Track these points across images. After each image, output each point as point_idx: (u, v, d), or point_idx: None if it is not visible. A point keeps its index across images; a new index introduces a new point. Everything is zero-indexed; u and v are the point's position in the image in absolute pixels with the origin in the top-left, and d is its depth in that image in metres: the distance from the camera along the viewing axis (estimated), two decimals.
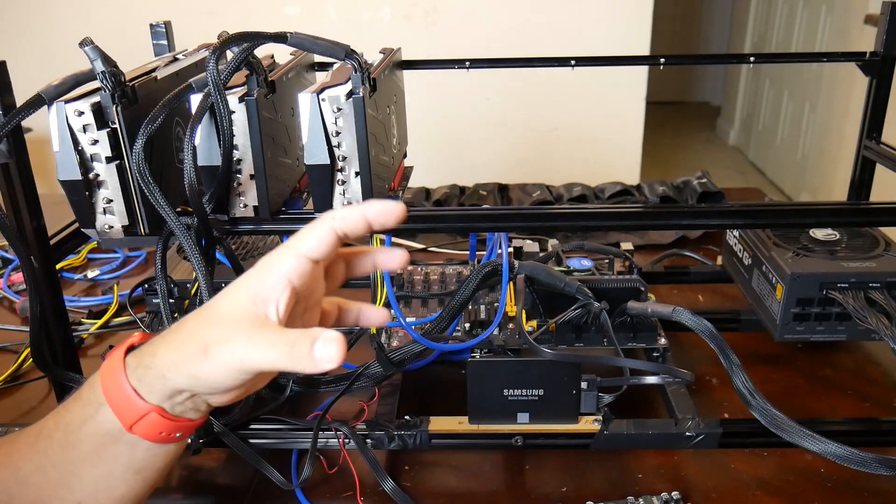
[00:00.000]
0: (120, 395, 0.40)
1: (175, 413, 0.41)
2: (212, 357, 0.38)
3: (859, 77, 0.77)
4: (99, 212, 0.50)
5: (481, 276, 0.60)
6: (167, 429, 0.41)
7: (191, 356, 0.39)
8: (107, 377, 0.41)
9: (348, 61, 0.49)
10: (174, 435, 0.42)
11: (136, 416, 0.40)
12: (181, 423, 0.42)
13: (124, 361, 0.41)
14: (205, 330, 0.40)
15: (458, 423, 0.58)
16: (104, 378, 0.41)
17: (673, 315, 0.57)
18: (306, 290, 0.42)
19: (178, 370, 0.39)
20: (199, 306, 0.50)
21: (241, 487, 0.59)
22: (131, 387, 0.40)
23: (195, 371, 0.39)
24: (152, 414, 0.40)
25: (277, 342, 0.38)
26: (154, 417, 0.40)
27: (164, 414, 0.40)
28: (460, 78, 0.91)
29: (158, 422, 0.41)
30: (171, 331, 0.41)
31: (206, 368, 0.39)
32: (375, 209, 0.41)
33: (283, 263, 0.41)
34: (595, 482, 0.59)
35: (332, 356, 0.37)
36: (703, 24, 4.68)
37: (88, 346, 0.82)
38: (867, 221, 0.65)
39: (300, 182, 0.61)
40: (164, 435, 0.41)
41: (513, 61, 0.80)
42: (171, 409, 0.41)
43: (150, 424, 0.41)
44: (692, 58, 2.23)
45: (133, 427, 0.40)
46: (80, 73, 0.49)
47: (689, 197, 1.11)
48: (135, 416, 0.40)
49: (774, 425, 0.51)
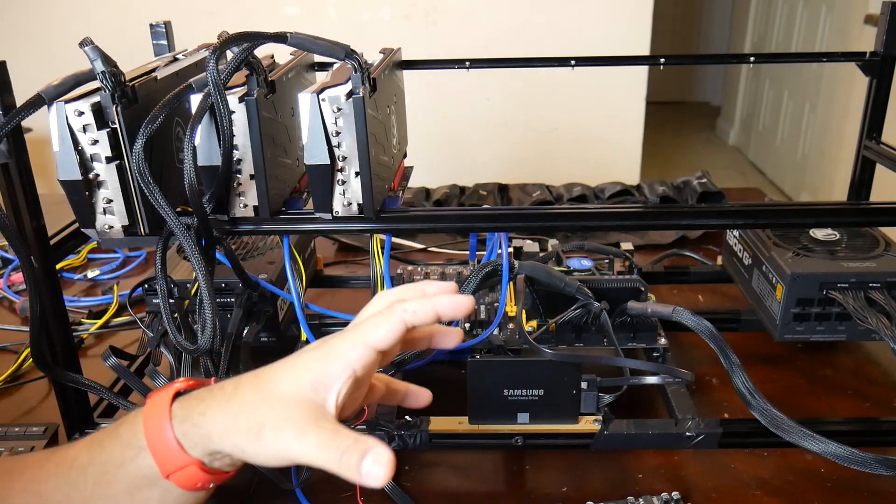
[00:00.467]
0: (163, 444, 0.40)
1: (213, 467, 0.42)
2: (264, 440, 0.39)
3: (859, 77, 0.77)
4: (99, 212, 0.50)
5: (481, 276, 0.60)
6: (203, 480, 0.41)
7: (244, 431, 0.39)
8: (150, 423, 0.41)
9: (348, 61, 0.49)
10: (209, 485, 0.42)
11: (176, 466, 0.40)
12: (217, 476, 0.42)
13: (170, 410, 0.41)
14: (261, 407, 0.39)
15: (458, 423, 0.58)
16: (147, 423, 0.41)
17: (673, 315, 0.57)
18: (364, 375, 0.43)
19: (228, 439, 0.39)
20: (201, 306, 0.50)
21: (241, 487, 0.59)
22: (175, 439, 0.40)
23: (245, 447, 0.39)
24: (192, 467, 0.40)
25: (328, 445, 0.38)
26: (193, 470, 0.41)
27: (203, 468, 0.41)
28: (460, 78, 0.91)
29: (197, 474, 0.41)
30: (224, 391, 0.41)
31: (256, 448, 0.39)
32: (446, 304, 0.42)
33: (349, 353, 0.41)
34: (595, 482, 0.59)
35: (379, 476, 0.37)
36: (703, 24, 4.68)
37: (88, 346, 0.82)
38: (867, 221, 0.65)
39: (300, 182, 0.61)
40: (200, 486, 0.42)
41: (513, 61, 0.80)
42: (210, 463, 0.41)
43: (189, 476, 0.41)
44: (692, 58, 2.23)
45: (171, 476, 0.41)
46: (80, 73, 0.49)
47: (689, 197, 1.11)
48: (174, 467, 0.40)
49: (774, 425, 0.51)
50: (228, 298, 0.64)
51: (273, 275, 0.67)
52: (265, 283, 0.65)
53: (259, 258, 0.72)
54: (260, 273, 0.66)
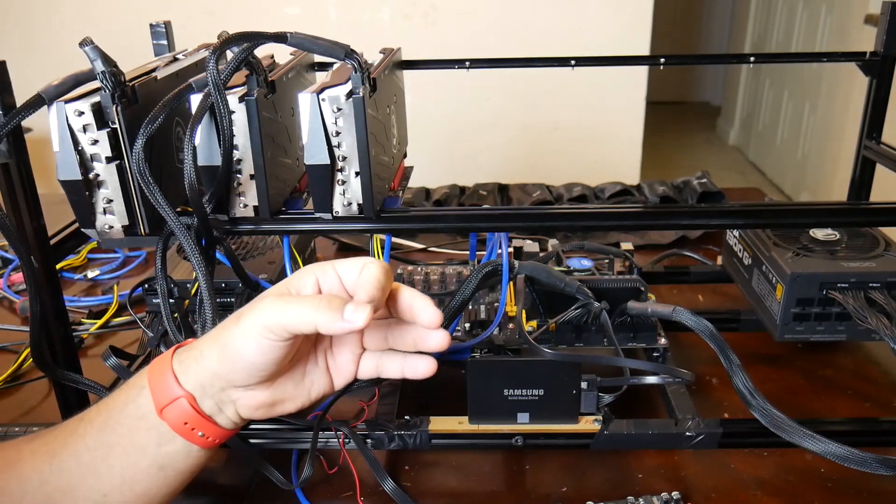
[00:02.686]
0: (160, 376, 0.43)
1: (204, 407, 0.43)
2: (242, 320, 0.41)
3: (859, 77, 0.77)
4: (99, 212, 0.50)
5: (481, 276, 0.60)
6: (192, 421, 0.43)
7: (225, 325, 0.43)
8: (155, 363, 0.44)
9: (348, 61, 0.49)
10: (197, 433, 0.44)
11: (168, 398, 0.43)
12: (206, 422, 0.44)
13: (174, 352, 0.45)
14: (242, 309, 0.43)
15: (458, 423, 0.58)
16: (152, 365, 0.44)
17: (673, 315, 0.57)
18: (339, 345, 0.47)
19: (212, 341, 0.43)
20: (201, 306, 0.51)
21: (241, 487, 0.59)
22: (172, 370, 0.43)
23: (226, 337, 0.42)
24: (182, 399, 0.43)
25: (309, 300, 0.41)
26: (182, 404, 0.43)
27: (193, 403, 0.43)
28: (460, 78, 0.91)
29: (186, 410, 0.43)
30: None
31: (234, 333, 0.41)
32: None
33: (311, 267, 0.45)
34: (595, 482, 0.59)
35: (359, 318, 0.41)
36: (703, 24, 4.68)
37: (88, 346, 0.82)
38: (867, 221, 0.65)
39: (300, 182, 0.61)
40: (189, 428, 0.43)
41: (513, 61, 0.80)
42: (201, 400, 0.43)
43: (178, 411, 0.43)
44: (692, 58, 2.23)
45: (164, 411, 0.43)
46: (80, 73, 0.49)
47: (689, 197, 1.11)
48: (167, 399, 0.43)
49: (774, 425, 0.51)
50: (228, 298, 0.64)
51: (273, 275, 0.67)
52: (265, 283, 0.65)
53: (259, 258, 0.72)
54: (260, 273, 0.66)
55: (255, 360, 0.42)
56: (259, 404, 0.45)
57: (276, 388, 0.46)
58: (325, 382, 0.48)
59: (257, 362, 0.42)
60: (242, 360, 0.42)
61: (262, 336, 0.41)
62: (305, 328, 0.41)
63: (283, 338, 0.41)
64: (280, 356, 0.42)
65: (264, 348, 0.41)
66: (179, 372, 0.43)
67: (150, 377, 0.44)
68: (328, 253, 1.03)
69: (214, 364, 0.43)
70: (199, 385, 0.43)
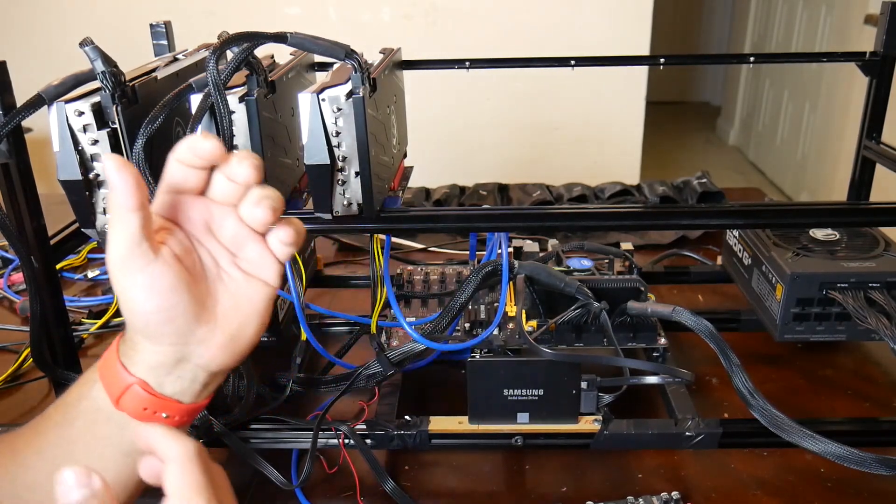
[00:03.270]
0: (109, 369, 0.42)
1: (163, 391, 0.42)
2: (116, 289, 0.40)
3: (859, 77, 0.77)
4: (99, 212, 0.50)
5: (481, 276, 0.60)
6: (151, 405, 0.42)
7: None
8: (103, 358, 0.43)
9: (348, 61, 0.49)
10: (160, 415, 0.42)
11: (120, 388, 0.41)
12: (166, 402, 0.42)
13: (118, 341, 0.43)
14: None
15: (458, 423, 0.58)
16: (101, 359, 0.43)
17: (673, 315, 0.57)
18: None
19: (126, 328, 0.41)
20: None
21: (241, 487, 0.59)
22: (119, 361, 0.42)
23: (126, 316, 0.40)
24: (135, 387, 0.41)
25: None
26: (137, 391, 0.41)
27: (147, 388, 0.41)
28: (460, 78, 0.91)
29: (141, 396, 0.41)
30: None
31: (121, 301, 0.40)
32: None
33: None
34: (595, 482, 0.59)
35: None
36: (703, 24, 4.68)
37: (88, 346, 0.82)
38: (867, 221, 0.65)
39: (300, 182, 0.61)
40: (149, 412, 0.42)
41: (513, 61, 0.80)
42: (158, 384, 0.42)
43: (134, 398, 0.41)
44: (692, 58, 2.23)
45: (119, 401, 0.41)
46: (80, 73, 0.49)
47: (689, 197, 1.11)
48: (120, 389, 0.41)
49: (774, 425, 0.51)
50: None
51: None
52: None
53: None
54: None
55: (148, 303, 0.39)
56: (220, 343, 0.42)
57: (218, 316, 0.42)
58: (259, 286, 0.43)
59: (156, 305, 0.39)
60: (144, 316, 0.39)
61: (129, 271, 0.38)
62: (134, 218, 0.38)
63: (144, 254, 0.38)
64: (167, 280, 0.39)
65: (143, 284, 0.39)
66: (126, 360, 0.41)
67: (100, 370, 0.42)
68: (328, 253, 1.03)
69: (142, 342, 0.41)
70: (151, 369, 0.41)
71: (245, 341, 0.44)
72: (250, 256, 0.43)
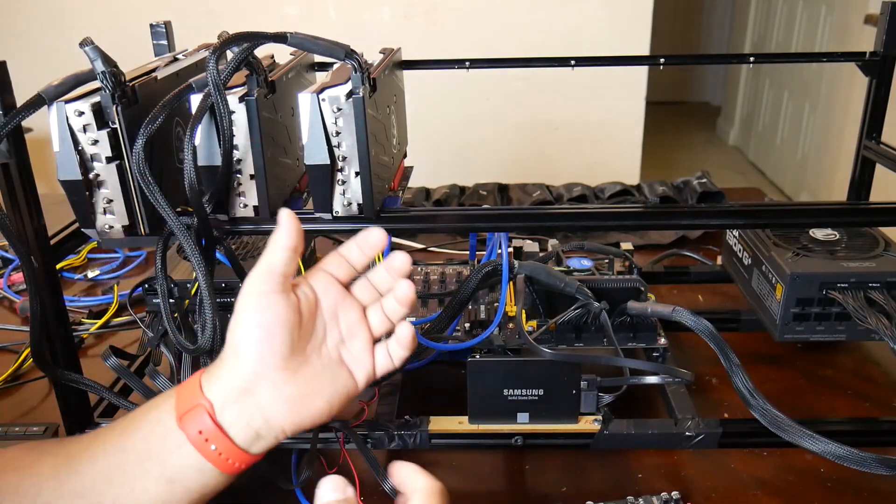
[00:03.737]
0: (188, 386, 0.44)
1: (224, 419, 0.43)
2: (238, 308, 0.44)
3: (859, 77, 0.77)
4: (99, 212, 0.50)
5: (481, 276, 0.60)
6: (207, 431, 0.43)
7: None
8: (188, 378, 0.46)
9: (348, 61, 0.49)
10: (210, 446, 0.43)
11: (189, 405, 0.43)
12: (221, 434, 0.43)
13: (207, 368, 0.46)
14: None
15: (458, 423, 0.58)
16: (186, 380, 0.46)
17: (673, 315, 0.57)
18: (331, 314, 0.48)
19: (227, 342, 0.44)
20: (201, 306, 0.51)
21: (241, 487, 0.59)
22: (199, 379, 0.44)
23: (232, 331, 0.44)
24: (201, 407, 0.43)
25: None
26: (200, 412, 0.43)
27: (211, 412, 0.43)
28: (460, 78, 0.91)
29: (202, 419, 0.43)
30: None
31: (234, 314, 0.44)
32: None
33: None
34: (595, 482, 0.59)
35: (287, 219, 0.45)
36: (703, 24, 4.68)
37: (88, 346, 0.82)
38: (867, 221, 0.65)
39: (300, 182, 0.61)
40: (203, 439, 0.42)
41: (513, 61, 0.80)
42: (221, 409, 0.43)
43: (196, 419, 0.43)
44: (692, 58, 2.23)
45: (183, 418, 0.43)
46: (80, 73, 0.49)
47: (689, 197, 1.11)
48: (188, 406, 0.43)
49: (774, 425, 0.51)
50: (228, 298, 0.64)
51: None
52: None
53: (259, 258, 0.72)
54: None
55: (256, 318, 0.43)
56: (287, 397, 0.44)
57: (299, 376, 0.45)
58: (345, 376, 0.48)
59: (261, 322, 0.43)
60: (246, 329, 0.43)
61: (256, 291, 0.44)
62: (284, 253, 0.45)
63: (275, 282, 0.44)
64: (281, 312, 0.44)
65: (262, 304, 0.43)
66: (205, 382, 0.44)
67: (179, 388, 0.45)
68: (328, 253, 1.03)
69: (232, 360, 0.44)
70: (222, 391, 0.43)
71: (307, 412, 0.46)
72: (354, 350, 0.48)
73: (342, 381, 0.48)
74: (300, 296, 0.46)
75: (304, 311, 0.46)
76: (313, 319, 0.47)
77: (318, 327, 0.47)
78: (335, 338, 0.48)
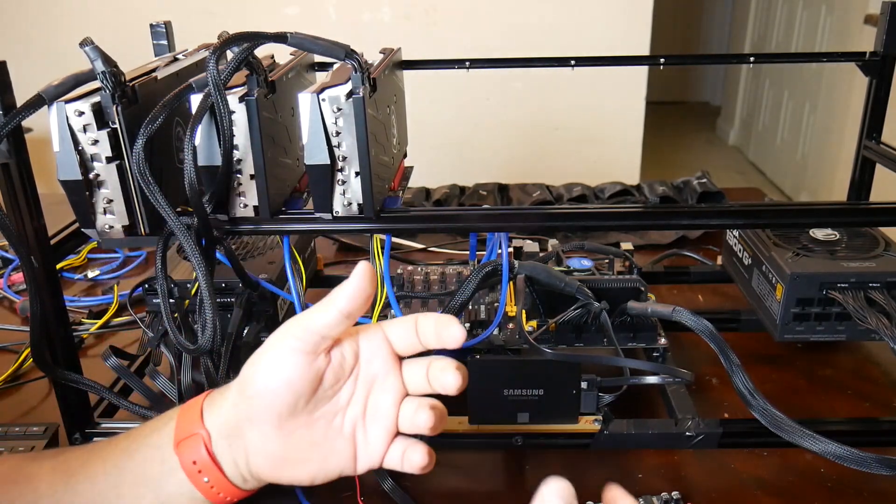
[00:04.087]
0: (189, 411, 0.44)
1: (216, 451, 0.42)
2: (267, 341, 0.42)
3: (859, 77, 0.77)
4: (99, 212, 0.50)
5: (481, 276, 0.60)
6: (201, 462, 0.42)
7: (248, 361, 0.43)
8: (192, 401, 0.45)
9: (348, 61, 0.49)
10: (203, 478, 0.42)
11: (187, 433, 0.42)
12: (214, 466, 0.42)
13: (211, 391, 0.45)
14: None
15: (458, 423, 0.58)
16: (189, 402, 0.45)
17: (673, 315, 0.57)
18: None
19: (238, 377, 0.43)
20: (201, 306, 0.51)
21: None
22: (201, 406, 0.44)
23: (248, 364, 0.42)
24: (198, 436, 0.42)
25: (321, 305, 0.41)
26: (197, 441, 0.42)
27: (206, 442, 0.42)
28: (460, 78, 0.91)
29: (197, 448, 0.42)
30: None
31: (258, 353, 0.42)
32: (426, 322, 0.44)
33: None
34: (595, 482, 0.59)
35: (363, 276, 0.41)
36: (703, 24, 4.68)
37: (89, 346, 0.82)
38: (867, 221, 0.65)
39: (300, 182, 0.61)
40: (196, 469, 0.42)
41: (513, 61, 0.80)
42: (216, 440, 0.42)
43: (191, 448, 0.42)
44: (692, 58, 2.23)
45: (180, 445, 0.42)
46: (80, 73, 0.49)
47: (689, 197, 1.11)
48: (186, 433, 0.42)
49: (774, 425, 0.51)
50: (228, 298, 0.64)
51: (273, 275, 0.67)
52: (265, 283, 0.65)
53: (259, 258, 0.72)
54: (260, 273, 0.66)
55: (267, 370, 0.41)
56: (270, 454, 0.43)
57: (291, 439, 0.43)
58: (346, 454, 0.44)
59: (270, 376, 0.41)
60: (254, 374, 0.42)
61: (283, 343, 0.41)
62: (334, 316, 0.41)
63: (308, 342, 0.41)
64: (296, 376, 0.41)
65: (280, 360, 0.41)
66: (206, 409, 0.43)
67: (181, 410, 0.44)
68: (328, 253, 1.03)
69: (235, 395, 0.42)
70: (219, 422, 0.42)
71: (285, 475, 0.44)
72: (371, 434, 0.44)
73: (339, 459, 0.44)
74: (335, 357, 0.43)
75: (330, 376, 0.43)
76: (338, 386, 0.43)
77: (341, 395, 0.44)
78: (356, 412, 0.44)
